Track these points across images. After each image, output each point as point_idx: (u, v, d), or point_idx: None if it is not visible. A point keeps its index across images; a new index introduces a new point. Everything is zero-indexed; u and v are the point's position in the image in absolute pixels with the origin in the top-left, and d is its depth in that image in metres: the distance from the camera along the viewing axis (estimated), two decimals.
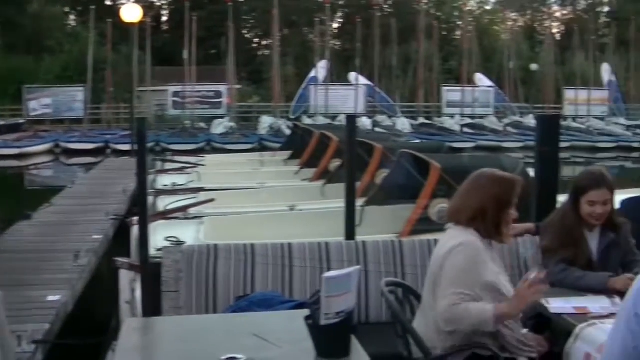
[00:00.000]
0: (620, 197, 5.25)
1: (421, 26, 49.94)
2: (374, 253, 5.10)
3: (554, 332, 4.26)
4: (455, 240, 3.92)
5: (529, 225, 5.20)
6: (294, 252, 5.04)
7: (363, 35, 47.83)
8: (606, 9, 74.14)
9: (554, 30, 68.12)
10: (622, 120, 50.02)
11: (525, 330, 4.08)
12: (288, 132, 29.90)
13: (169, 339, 3.50)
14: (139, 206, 5.39)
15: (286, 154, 18.75)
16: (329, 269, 4.65)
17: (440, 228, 7.97)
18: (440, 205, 8.93)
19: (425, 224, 8.88)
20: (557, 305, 4.24)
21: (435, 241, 5.08)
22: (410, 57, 50.10)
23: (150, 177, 12.86)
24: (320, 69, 45.22)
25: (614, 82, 53.66)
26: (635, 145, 41.74)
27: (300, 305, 4.13)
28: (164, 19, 63.46)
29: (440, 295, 3.83)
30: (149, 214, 6.14)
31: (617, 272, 4.70)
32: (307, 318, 3.17)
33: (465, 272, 3.82)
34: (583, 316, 4.03)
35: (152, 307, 4.89)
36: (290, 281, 4.97)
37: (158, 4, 62.76)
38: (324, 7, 46.83)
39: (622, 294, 3.60)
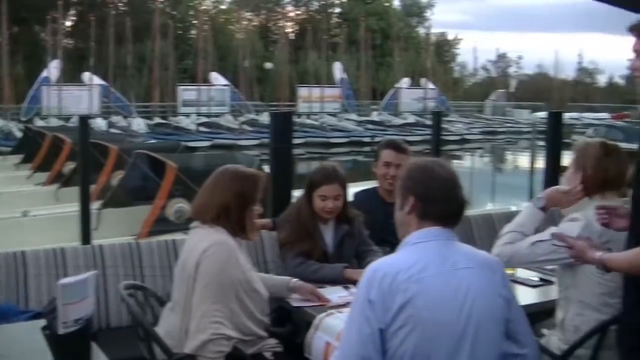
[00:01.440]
0: (353, 189, 5.44)
1: (156, 25, 49.53)
2: (111, 256, 5.00)
3: (295, 324, 4.37)
4: (207, 240, 3.88)
5: (266, 221, 5.29)
6: (28, 260, 4.85)
7: (97, 34, 46.83)
8: (337, 9, 76.74)
9: (288, 30, 69.70)
10: (354, 116, 52.11)
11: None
12: (19, 135, 28.80)
13: None
14: None
15: (17, 157, 18.09)
16: (65, 276, 4.52)
17: (179, 228, 7.96)
18: (177, 205, 8.95)
19: (164, 225, 8.85)
20: (297, 297, 4.35)
21: (174, 241, 5.08)
22: (146, 56, 49.62)
23: None
24: (53, 69, 43.86)
25: (345, 80, 55.73)
26: (366, 139, 43.48)
27: (37, 315, 3.99)
28: None
29: (198, 301, 3.80)
30: None
31: (352, 262, 4.88)
32: (44, 328, 3.07)
33: (222, 272, 3.81)
34: (322, 307, 4.14)
35: None
36: (25, 290, 4.78)
37: None
38: (56, 4, 45.36)
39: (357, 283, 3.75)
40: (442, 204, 2.97)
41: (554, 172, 7.52)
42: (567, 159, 4.21)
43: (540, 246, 3.76)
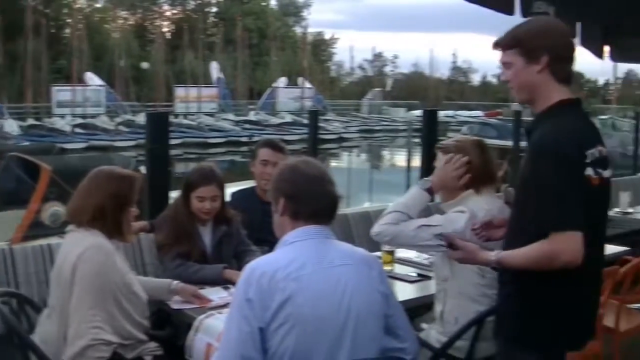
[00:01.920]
0: (231, 189, 5.44)
1: (29, 23, 48.37)
2: None
3: (175, 326, 4.33)
4: (83, 243, 3.80)
5: (143, 223, 5.22)
6: None
7: None
8: (214, 9, 76.49)
9: (165, 29, 69.12)
10: (231, 116, 52.05)
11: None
12: None
13: None
14: None
15: None
16: None
17: (54, 232, 7.79)
18: (52, 209, 8.77)
19: (39, 229, 8.66)
20: (177, 299, 4.32)
21: (50, 246, 4.95)
22: (18, 55, 48.35)
23: None
24: None
25: (222, 80, 55.61)
26: (244, 139, 43.51)
27: None
28: None
29: (76, 306, 3.73)
30: None
31: (231, 263, 4.87)
32: None
33: (99, 275, 3.74)
34: (202, 308, 4.12)
35: None
36: None
37: None
38: None
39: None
40: (312, 202, 3.00)
41: (429, 169, 7.66)
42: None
43: (425, 231, 3.82)
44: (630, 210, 7.60)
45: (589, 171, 3.00)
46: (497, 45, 3.24)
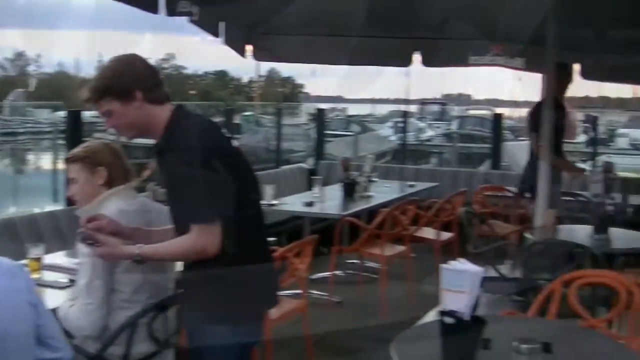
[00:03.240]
0: None
1: None
2: None
3: None
4: None
5: None
6: None
7: None
8: None
9: None
10: None
11: None
12: None
13: None
14: None
15: None
16: None
17: None
18: None
19: None
20: None
21: None
22: None
23: None
24: None
25: None
26: None
27: None
28: None
29: None
30: None
31: None
32: None
33: None
34: None
35: None
36: None
37: None
38: None
39: None
40: None
41: None
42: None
43: (82, 269, 3.72)
44: (274, 202, 7.93)
45: (235, 142, 3.31)
46: (88, 100, 3.31)
